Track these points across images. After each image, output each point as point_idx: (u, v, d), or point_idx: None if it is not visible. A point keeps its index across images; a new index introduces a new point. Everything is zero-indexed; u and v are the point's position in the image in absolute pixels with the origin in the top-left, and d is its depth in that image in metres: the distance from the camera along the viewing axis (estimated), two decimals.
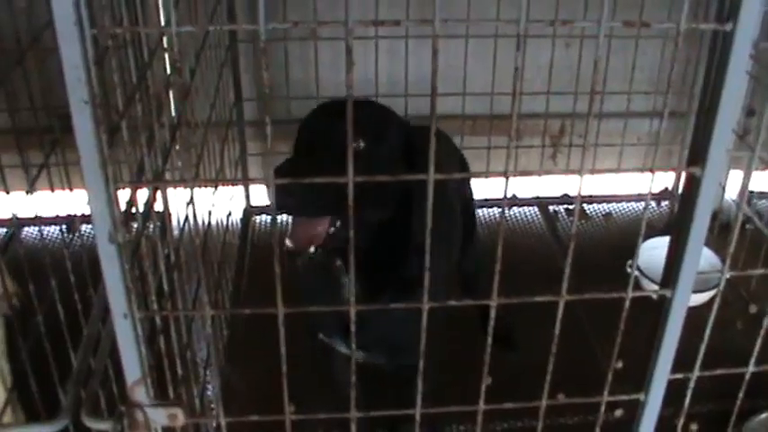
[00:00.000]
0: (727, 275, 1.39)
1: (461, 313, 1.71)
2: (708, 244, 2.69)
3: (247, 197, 2.96)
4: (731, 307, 2.60)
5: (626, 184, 3.25)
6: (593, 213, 3.16)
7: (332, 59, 2.83)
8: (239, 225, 2.87)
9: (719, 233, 2.90)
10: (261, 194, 2.98)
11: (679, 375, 1.40)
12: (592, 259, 2.59)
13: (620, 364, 2.24)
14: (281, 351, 1.20)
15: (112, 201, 1.07)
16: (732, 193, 3.09)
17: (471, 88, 2.95)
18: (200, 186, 1.94)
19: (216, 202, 2.19)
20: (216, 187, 2.18)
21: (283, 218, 2.91)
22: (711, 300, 2.56)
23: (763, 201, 3.19)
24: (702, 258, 1.29)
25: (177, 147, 1.49)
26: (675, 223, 1.25)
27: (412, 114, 2.69)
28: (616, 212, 3.17)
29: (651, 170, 1.19)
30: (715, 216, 3.03)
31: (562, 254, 2.83)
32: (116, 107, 1.20)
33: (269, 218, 2.99)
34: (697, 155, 1.16)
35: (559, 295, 1.22)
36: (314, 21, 2.63)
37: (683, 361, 1.44)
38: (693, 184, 1.17)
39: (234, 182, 2.77)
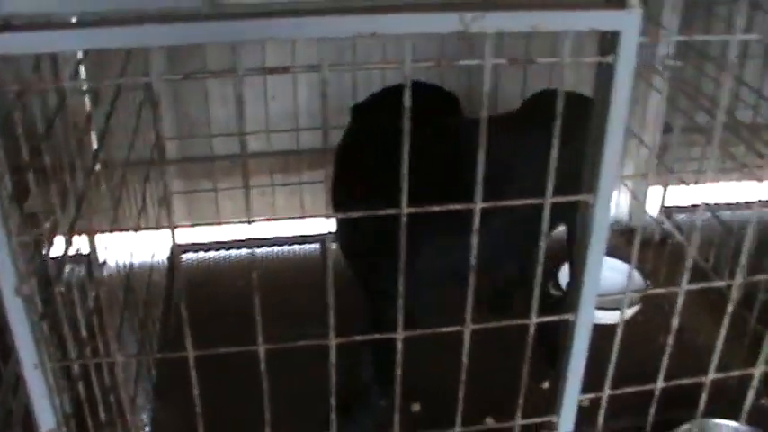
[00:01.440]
0: (646, 292, 1.44)
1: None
2: (629, 260, 2.74)
3: (173, 235, 2.95)
4: (653, 321, 2.64)
5: None
6: None
7: (255, 95, 2.85)
8: (166, 263, 2.86)
9: (642, 249, 2.96)
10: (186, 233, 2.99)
11: (590, 395, 1.44)
12: None
13: (546, 385, 2.29)
14: (194, 393, 1.22)
15: (16, 254, 1.08)
16: (653, 208, 3.17)
17: None
18: (117, 230, 1.94)
19: (139, 243, 2.19)
20: (137, 229, 2.18)
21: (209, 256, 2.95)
22: (634, 316, 2.63)
23: (683, 215, 3.25)
24: (624, 275, 1.35)
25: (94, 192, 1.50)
26: (575, 249, 1.29)
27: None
28: None
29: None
30: (636, 232, 3.08)
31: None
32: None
33: (196, 255, 3.01)
34: (589, 183, 1.20)
35: (464, 325, 1.25)
36: (206, 70, 2.62)
37: (604, 377, 1.50)
38: (587, 212, 1.22)
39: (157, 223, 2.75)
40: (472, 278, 1.21)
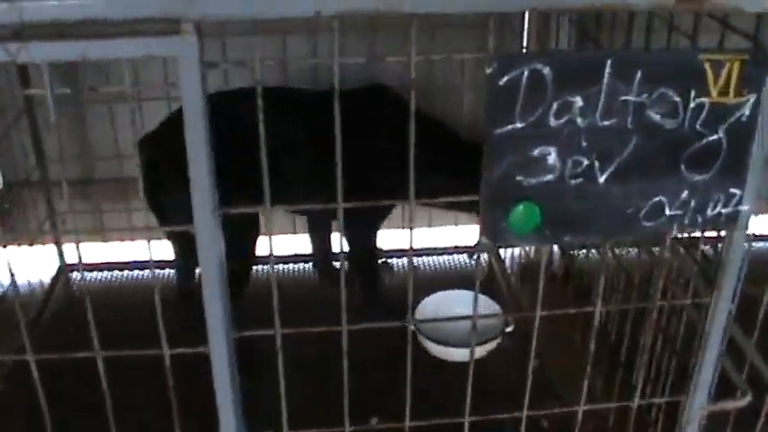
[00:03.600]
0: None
1: None
2: (496, 296, 2.65)
3: (60, 255, 2.96)
4: (513, 357, 2.55)
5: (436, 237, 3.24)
6: (399, 267, 3.14)
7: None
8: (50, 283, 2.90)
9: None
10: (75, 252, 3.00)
11: None
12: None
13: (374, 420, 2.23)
14: None
15: None
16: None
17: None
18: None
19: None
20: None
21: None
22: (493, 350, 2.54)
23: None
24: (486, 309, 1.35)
25: None
26: None
27: None
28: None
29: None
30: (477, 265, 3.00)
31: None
32: None
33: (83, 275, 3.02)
34: None
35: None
36: None
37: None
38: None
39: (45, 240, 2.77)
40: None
